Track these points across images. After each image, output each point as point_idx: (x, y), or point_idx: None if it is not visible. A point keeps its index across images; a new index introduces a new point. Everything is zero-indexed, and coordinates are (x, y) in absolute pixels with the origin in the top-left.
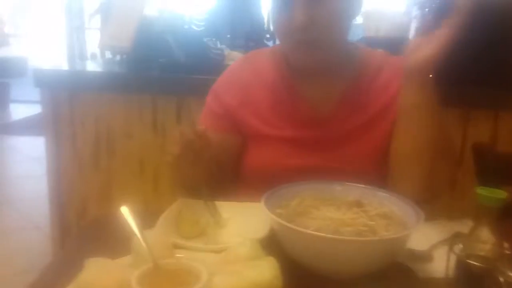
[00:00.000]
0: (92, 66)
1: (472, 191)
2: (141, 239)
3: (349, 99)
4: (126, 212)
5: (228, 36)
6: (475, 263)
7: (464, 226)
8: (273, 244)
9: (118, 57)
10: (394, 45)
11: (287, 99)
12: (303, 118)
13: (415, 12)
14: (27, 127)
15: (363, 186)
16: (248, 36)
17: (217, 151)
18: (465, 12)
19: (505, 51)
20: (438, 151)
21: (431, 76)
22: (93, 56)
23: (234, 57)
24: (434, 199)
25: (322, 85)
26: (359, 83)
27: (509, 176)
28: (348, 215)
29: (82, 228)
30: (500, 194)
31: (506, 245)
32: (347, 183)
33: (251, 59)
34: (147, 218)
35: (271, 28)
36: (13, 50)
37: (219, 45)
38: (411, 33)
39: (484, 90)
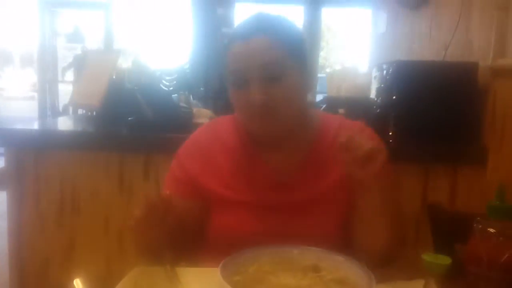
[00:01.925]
0: (64, 122)
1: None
2: None
3: (309, 165)
4: (78, 285)
5: (202, 89)
6: None
7: (418, 286)
8: None
9: (89, 113)
10: (355, 104)
11: (248, 164)
12: (264, 183)
13: (375, 73)
14: None
15: (320, 250)
16: (221, 90)
17: (181, 216)
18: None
19: (457, 108)
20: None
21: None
22: (65, 110)
23: (203, 114)
24: (394, 256)
25: (282, 151)
26: (318, 149)
27: (462, 235)
28: (305, 282)
29: None
30: (444, 260)
31: None
32: (304, 247)
33: (213, 126)
34: (109, 285)
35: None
36: None
37: (191, 99)
38: (372, 92)
39: (442, 145)
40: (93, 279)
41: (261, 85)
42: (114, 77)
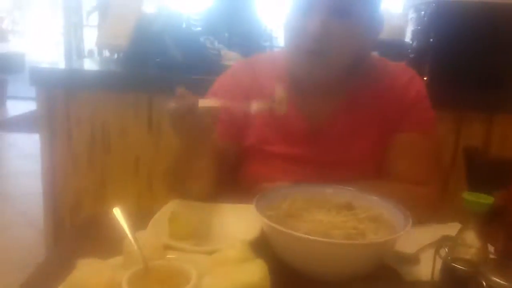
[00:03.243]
0: (89, 64)
1: (461, 194)
2: (132, 241)
3: (346, 113)
4: (118, 213)
5: (226, 35)
6: (459, 266)
7: (453, 230)
8: (263, 246)
9: (115, 55)
10: (388, 47)
11: (286, 114)
12: (298, 134)
13: (411, 14)
14: (24, 123)
15: (354, 189)
16: (245, 36)
17: (217, 154)
18: None
19: (499, 54)
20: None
21: None
22: (91, 54)
23: (231, 57)
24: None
25: (318, 97)
26: (358, 95)
27: (499, 181)
28: (338, 218)
29: (74, 228)
30: (487, 199)
31: (491, 249)
32: (338, 186)
33: (251, 65)
34: (140, 219)
35: (283, 33)
36: (11, 46)
37: (216, 44)
38: (407, 35)
39: (478, 92)
40: (126, 213)
41: (326, 17)
42: (139, 19)
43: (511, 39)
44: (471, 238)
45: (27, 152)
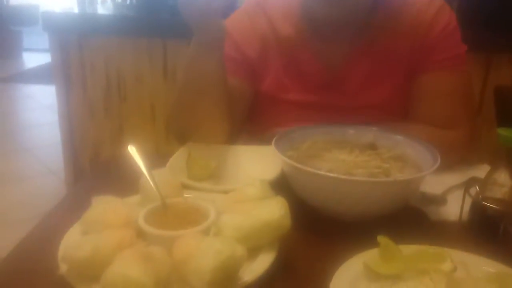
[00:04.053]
0: (102, 10)
1: (491, 135)
2: (148, 178)
3: (365, 56)
4: (133, 151)
5: None
6: (491, 205)
7: (481, 171)
8: (283, 187)
9: (128, 1)
10: None
11: (300, 59)
12: (314, 79)
13: None
14: (41, 75)
15: (377, 129)
16: None
17: (231, 92)
18: None
19: None
20: None
21: None
22: (104, 1)
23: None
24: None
25: (337, 41)
26: (377, 34)
27: None
28: (361, 158)
29: (92, 169)
30: None
31: None
32: (360, 126)
33: (265, 7)
34: (158, 160)
35: None
36: None
37: None
38: None
39: (506, 34)
40: (144, 155)
41: None
42: None
43: None
44: (503, 177)
45: (45, 103)
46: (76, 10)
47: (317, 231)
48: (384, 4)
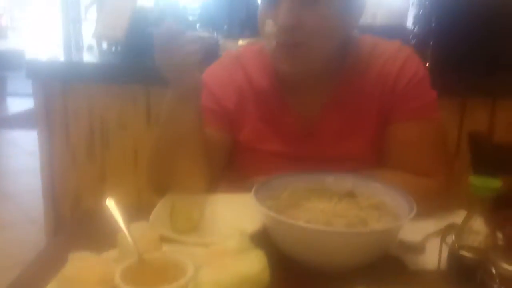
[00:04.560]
0: (88, 57)
1: (467, 180)
2: (126, 232)
3: (338, 104)
4: (111, 205)
5: (225, 26)
6: (467, 254)
7: (458, 217)
8: (264, 237)
9: (113, 48)
10: (390, 33)
11: (276, 110)
12: (291, 131)
13: None
14: (24, 120)
15: (355, 176)
16: (244, 25)
17: (211, 145)
18: None
19: (502, 39)
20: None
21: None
22: (90, 48)
23: (229, 46)
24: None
25: (309, 91)
26: (349, 81)
27: (504, 166)
28: (340, 206)
29: (72, 221)
30: (494, 183)
31: (499, 235)
32: (339, 174)
33: (241, 60)
34: (139, 211)
35: (259, 28)
36: (10, 43)
37: (215, 35)
38: (409, 20)
39: (481, 78)
40: (125, 206)
41: (294, 5)
42: (136, 12)
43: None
44: (478, 224)
45: (28, 149)
46: (61, 56)
47: (298, 284)
48: (352, 57)
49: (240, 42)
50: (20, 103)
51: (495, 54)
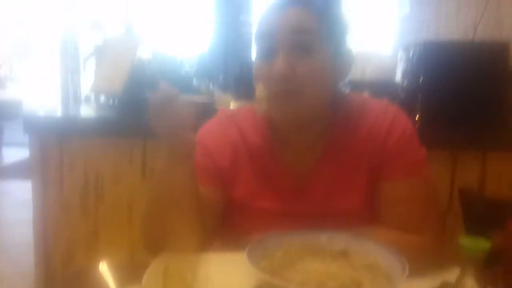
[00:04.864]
0: (85, 110)
1: (459, 237)
2: None
3: (328, 161)
4: (105, 269)
5: (221, 78)
6: None
7: (452, 275)
8: None
9: (111, 101)
10: (379, 88)
11: (268, 167)
12: (283, 187)
13: (401, 55)
14: (19, 171)
15: (349, 235)
16: (239, 79)
17: (205, 202)
18: None
19: (489, 93)
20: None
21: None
22: (87, 99)
23: (224, 101)
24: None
25: (301, 148)
26: (339, 138)
27: (496, 221)
28: (333, 267)
29: (62, 282)
30: (483, 244)
31: None
32: (333, 232)
33: (237, 119)
34: (132, 272)
35: (255, 83)
36: (8, 93)
37: (211, 87)
38: (397, 76)
39: (470, 131)
40: (118, 266)
41: (289, 56)
42: (134, 64)
43: (499, 78)
44: (471, 283)
45: (22, 200)
46: (59, 108)
47: None
48: (342, 112)
49: (232, 105)
50: (15, 153)
51: (482, 107)
